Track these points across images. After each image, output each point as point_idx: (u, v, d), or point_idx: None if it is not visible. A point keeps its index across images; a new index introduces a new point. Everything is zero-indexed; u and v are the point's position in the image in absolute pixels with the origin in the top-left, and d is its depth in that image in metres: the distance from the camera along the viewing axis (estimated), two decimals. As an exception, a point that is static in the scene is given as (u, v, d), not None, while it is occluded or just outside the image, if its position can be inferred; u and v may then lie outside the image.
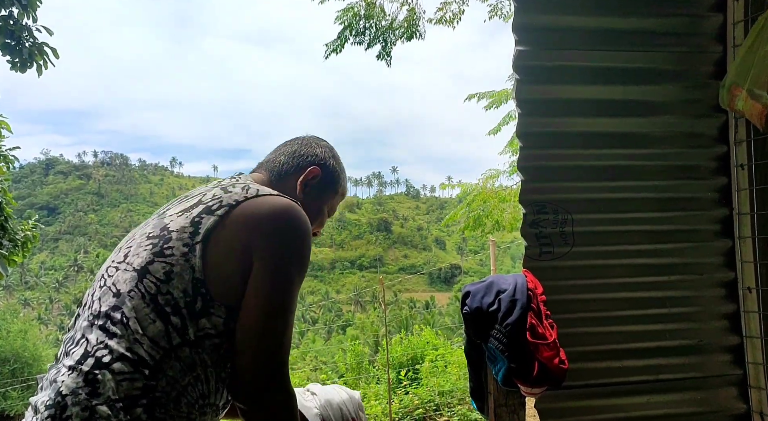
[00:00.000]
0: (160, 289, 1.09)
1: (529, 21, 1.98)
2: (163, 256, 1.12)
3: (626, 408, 2.06)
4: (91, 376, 1.04)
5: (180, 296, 1.09)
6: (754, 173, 2.02)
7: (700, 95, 2.07)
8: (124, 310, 1.09)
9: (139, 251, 1.15)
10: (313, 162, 1.44)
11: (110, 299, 1.12)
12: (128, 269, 1.14)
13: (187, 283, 1.09)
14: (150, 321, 1.07)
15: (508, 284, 1.82)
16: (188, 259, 1.11)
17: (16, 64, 5.97)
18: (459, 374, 6.59)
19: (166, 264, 1.11)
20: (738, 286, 2.08)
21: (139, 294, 1.09)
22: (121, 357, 1.05)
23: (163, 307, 1.08)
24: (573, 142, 2.04)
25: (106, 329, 1.08)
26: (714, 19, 2.05)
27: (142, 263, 1.12)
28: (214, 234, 1.13)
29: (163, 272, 1.10)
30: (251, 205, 1.17)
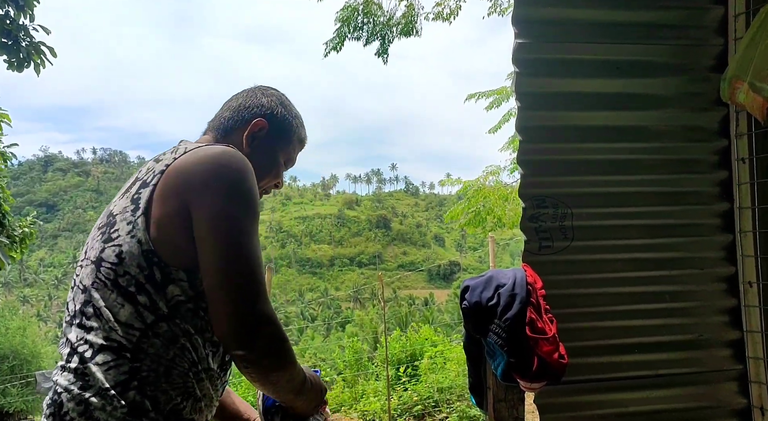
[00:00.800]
0: (117, 272, 1.09)
1: (529, 13, 1.96)
2: (111, 240, 1.12)
3: (626, 403, 2.05)
4: (80, 371, 1.07)
5: (137, 273, 1.08)
6: (755, 167, 2.00)
7: (700, 88, 2.06)
8: (93, 302, 1.10)
9: (93, 244, 1.17)
10: (258, 113, 1.38)
11: (80, 296, 1.14)
12: (87, 263, 1.15)
13: (138, 258, 1.08)
14: (119, 306, 1.08)
15: (508, 279, 1.81)
16: (133, 235, 1.10)
17: (13, 64, 5.96)
18: (458, 370, 6.59)
19: (115, 247, 1.11)
20: (739, 280, 2.07)
21: (101, 283, 1.10)
22: (101, 348, 1.07)
23: (126, 288, 1.08)
24: (573, 135, 2.03)
25: (83, 325, 1.11)
26: (715, 12, 2.04)
27: (96, 253, 1.14)
28: (151, 204, 1.12)
29: (115, 255, 1.10)
30: (179, 163, 1.14)
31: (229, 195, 1.10)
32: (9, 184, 7.85)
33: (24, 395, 18.74)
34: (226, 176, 1.11)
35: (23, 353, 21.55)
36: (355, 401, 6.82)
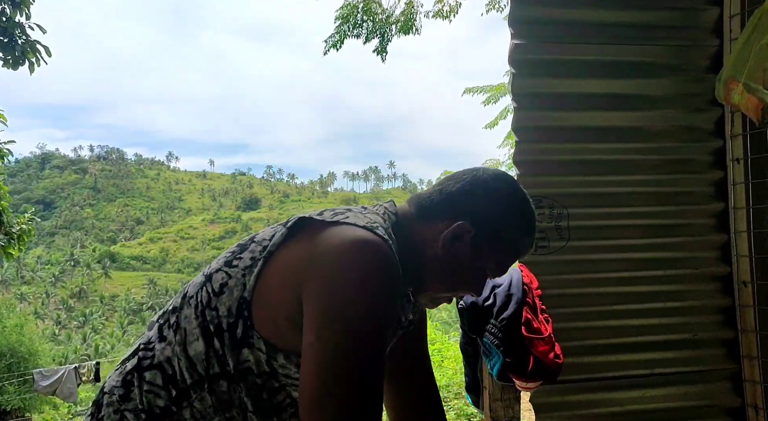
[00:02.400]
0: (210, 302, 0.95)
1: (525, 14, 1.97)
2: (229, 265, 0.98)
3: (622, 402, 2.07)
4: (128, 377, 0.99)
5: (224, 315, 0.94)
6: (749, 167, 2.01)
7: (696, 89, 2.07)
8: (181, 315, 0.99)
9: (221, 256, 1.03)
10: (467, 215, 1.02)
11: (179, 299, 1.02)
12: (205, 271, 1.02)
13: (233, 300, 0.94)
14: (194, 337, 0.95)
15: (504, 279, 1.82)
16: (245, 274, 0.95)
17: (9, 62, 5.97)
18: (455, 368, 6.59)
19: (225, 275, 0.97)
20: (733, 280, 2.08)
21: (195, 302, 0.98)
22: (159, 366, 0.96)
23: (208, 324, 0.95)
24: (569, 136, 2.04)
25: (161, 329, 1.01)
26: (710, 12, 2.05)
27: (213, 268, 1.01)
28: (278, 252, 0.96)
29: (219, 284, 0.96)
30: (323, 232, 0.93)
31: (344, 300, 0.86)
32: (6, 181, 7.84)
33: (21, 393, 18.74)
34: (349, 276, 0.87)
35: (20, 351, 21.55)
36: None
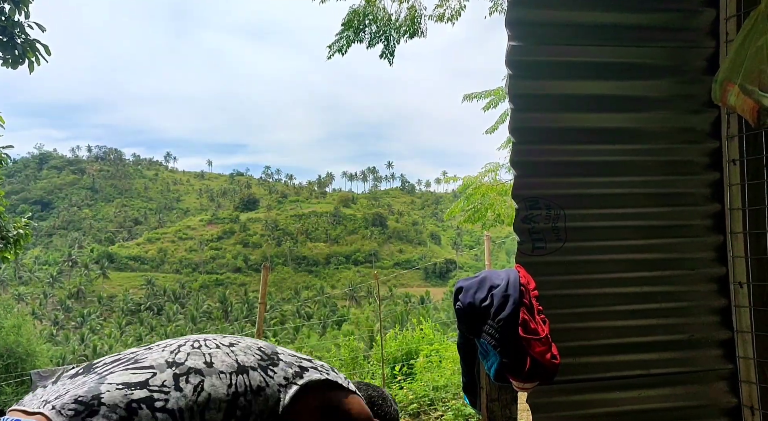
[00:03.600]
0: (246, 395, 1.14)
1: (522, 16, 1.98)
2: (265, 372, 1.20)
3: (618, 403, 2.07)
4: (134, 405, 1.04)
5: (255, 411, 1.14)
6: (745, 169, 2.02)
7: (692, 91, 2.07)
8: (206, 380, 1.13)
9: (247, 352, 1.24)
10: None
11: (199, 362, 1.17)
12: (231, 356, 1.21)
13: (267, 408, 1.15)
14: (216, 408, 1.11)
15: (501, 280, 1.82)
16: (280, 391, 1.18)
17: (8, 61, 5.95)
18: (453, 368, 6.60)
19: (263, 380, 1.18)
20: (729, 281, 2.09)
21: (228, 382, 1.14)
22: (171, 412, 1.06)
23: (235, 408, 1.12)
24: (566, 137, 2.04)
25: (179, 380, 1.12)
26: (707, 14, 2.05)
27: (247, 363, 1.20)
28: (313, 390, 1.23)
29: (257, 385, 1.17)
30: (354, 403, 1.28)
31: None
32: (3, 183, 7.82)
33: (19, 394, 18.68)
34: None
35: (18, 352, 21.48)
36: (351, 399, 6.83)
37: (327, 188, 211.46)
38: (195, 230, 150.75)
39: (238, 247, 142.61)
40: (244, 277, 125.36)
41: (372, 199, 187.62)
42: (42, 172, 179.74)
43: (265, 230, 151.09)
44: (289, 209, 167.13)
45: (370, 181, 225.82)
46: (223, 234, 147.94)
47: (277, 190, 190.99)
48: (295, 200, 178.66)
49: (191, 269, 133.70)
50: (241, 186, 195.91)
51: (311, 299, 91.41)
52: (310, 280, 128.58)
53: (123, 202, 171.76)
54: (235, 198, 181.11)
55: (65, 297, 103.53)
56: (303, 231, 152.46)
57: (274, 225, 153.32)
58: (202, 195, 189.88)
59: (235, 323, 68.62)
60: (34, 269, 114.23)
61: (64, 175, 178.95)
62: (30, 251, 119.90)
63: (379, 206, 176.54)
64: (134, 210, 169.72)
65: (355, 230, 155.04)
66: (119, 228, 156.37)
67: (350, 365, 8.15)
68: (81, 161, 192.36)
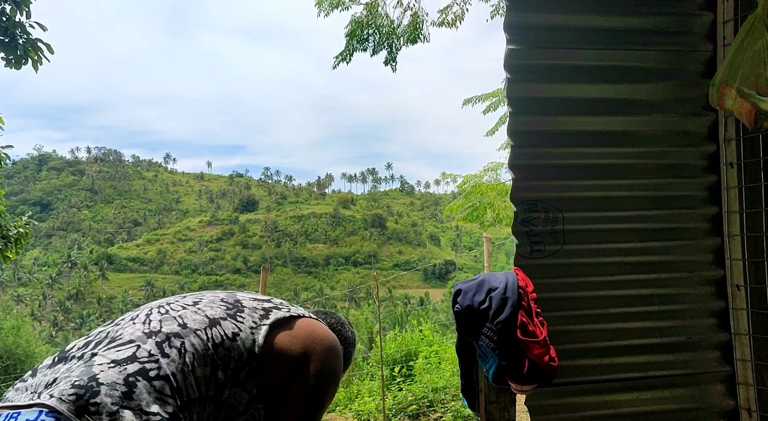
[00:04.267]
0: (224, 343, 1.24)
1: (521, 20, 1.98)
2: (235, 319, 1.31)
3: (616, 405, 2.08)
4: (132, 379, 1.10)
5: (235, 357, 1.24)
6: (743, 171, 2.03)
7: (690, 94, 2.08)
8: (186, 341, 1.21)
9: (212, 306, 1.33)
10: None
11: (174, 326, 1.24)
12: (199, 313, 1.30)
13: (245, 350, 1.26)
14: (203, 363, 1.20)
15: (499, 282, 1.83)
16: (253, 332, 1.30)
17: (11, 61, 5.94)
18: (452, 370, 6.60)
19: (235, 326, 1.29)
20: (727, 283, 2.10)
21: (206, 337, 1.23)
22: (166, 378, 1.13)
23: (218, 358, 1.22)
24: (564, 140, 2.05)
25: (162, 347, 1.18)
26: (704, 18, 2.06)
27: (216, 315, 1.30)
28: (281, 326, 1.36)
29: (232, 332, 1.27)
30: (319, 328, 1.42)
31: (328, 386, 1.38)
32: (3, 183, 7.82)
33: (18, 395, 18.60)
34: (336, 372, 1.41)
35: (17, 353, 21.45)
36: (350, 401, 6.83)
37: (326, 189, 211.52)
38: (194, 232, 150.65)
39: (238, 248, 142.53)
40: (244, 278, 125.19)
41: (371, 201, 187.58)
42: (41, 173, 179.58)
43: (264, 231, 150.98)
44: (288, 210, 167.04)
45: (369, 183, 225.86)
46: (223, 235, 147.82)
47: (277, 191, 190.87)
48: (295, 201, 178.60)
49: (190, 271, 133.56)
50: (240, 187, 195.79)
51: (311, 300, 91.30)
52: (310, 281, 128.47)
53: (122, 203, 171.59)
54: (235, 199, 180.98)
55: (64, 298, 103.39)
56: (302, 232, 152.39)
57: (274, 226, 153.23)
58: (201, 196, 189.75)
59: (235, 324, 68.04)
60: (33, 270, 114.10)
61: (64, 177, 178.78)
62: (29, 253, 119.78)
63: (379, 207, 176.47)
64: (133, 211, 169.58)
65: (354, 231, 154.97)
66: (118, 229, 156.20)
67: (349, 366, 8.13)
68: (80, 162, 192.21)
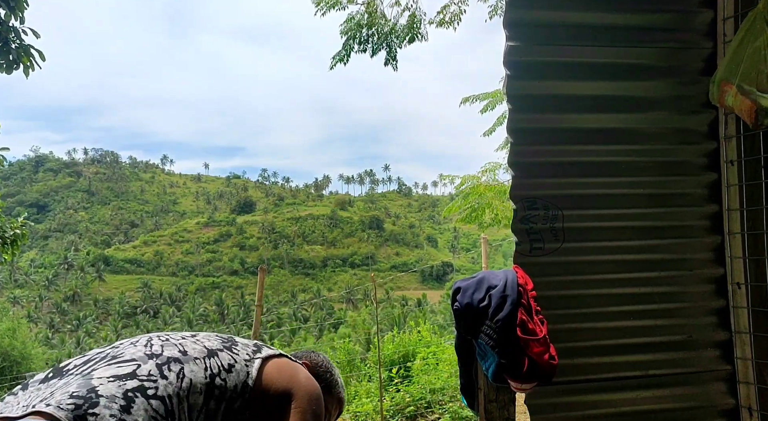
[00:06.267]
0: (221, 373, 1.29)
1: (520, 16, 1.97)
2: (231, 351, 1.37)
3: (616, 404, 2.07)
4: (130, 394, 1.13)
5: (231, 388, 1.29)
6: (743, 169, 2.02)
7: (690, 91, 2.07)
8: (185, 367, 1.24)
9: (209, 339, 1.39)
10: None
11: (174, 351, 1.28)
12: (198, 344, 1.35)
13: (240, 381, 1.31)
14: (197, 392, 1.23)
15: (499, 280, 1.82)
16: (247, 365, 1.35)
17: (2, 66, 5.94)
18: (450, 371, 6.59)
19: (231, 358, 1.34)
20: (727, 282, 2.09)
21: (204, 366, 1.28)
22: (162, 399, 1.16)
23: (213, 388, 1.26)
24: (564, 138, 2.04)
25: (162, 369, 1.21)
26: (704, 15, 2.06)
27: (213, 347, 1.35)
28: (270, 361, 1.41)
29: (228, 363, 1.32)
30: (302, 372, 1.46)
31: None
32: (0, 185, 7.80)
33: (14, 396, 18.54)
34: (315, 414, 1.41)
35: (13, 355, 21.39)
36: (348, 402, 6.82)
37: (324, 191, 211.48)
38: (191, 233, 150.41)
39: (235, 250, 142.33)
40: (241, 280, 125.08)
41: (369, 202, 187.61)
42: (38, 174, 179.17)
43: (261, 232, 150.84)
44: (285, 212, 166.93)
45: (366, 184, 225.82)
46: (220, 237, 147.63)
47: (274, 193, 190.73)
48: (292, 203, 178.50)
49: (187, 272, 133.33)
50: (237, 189, 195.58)
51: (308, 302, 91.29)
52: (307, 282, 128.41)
53: (119, 204, 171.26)
54: (232, 201, 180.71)
55: (61, 300, 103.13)
56: (300, 234, 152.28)
57: (271, 228, 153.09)
58: (198, 198, 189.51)
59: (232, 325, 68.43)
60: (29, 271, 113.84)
61: (60, 178, 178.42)
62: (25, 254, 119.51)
63: (376, 209, 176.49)
64: (130, 213, 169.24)
65: (351, 233, 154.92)
66: (115, 231, 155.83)
67: (347, 367, 8.13)
68: (77, 164, 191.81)
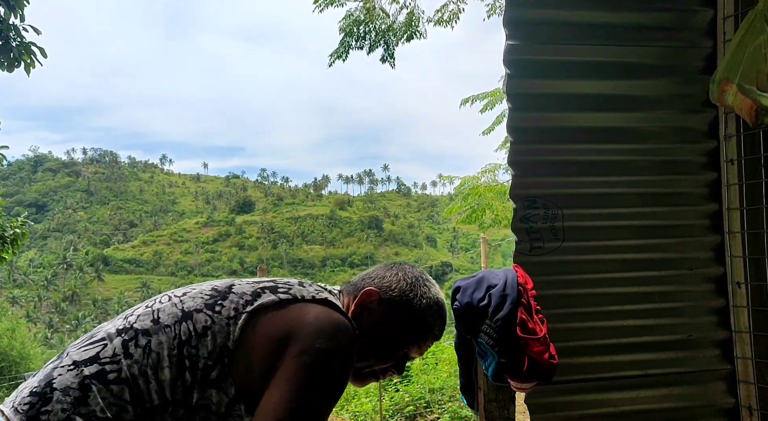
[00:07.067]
0: (191, 340, 1.08)
1: (520, 15, 1.97)
2: (211, 310, 1.11)
3: (616, 403, 2.06)
4: (87, 382, 1.02)
5: (204, 356, 1.07)
6: (743, 169, 2.02)
7: (690, 90, 2.07)
8: (153, 340, 1.07)
9: (196, 295, 1.16)
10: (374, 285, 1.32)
11: (147, 322, 1.11)
12: (178, 305, 1.14)
13: (216, 346, 1.07)
14: (167, 365, 1.05)
15: (499, 279, 1.81)
16: (229, 323, 1.09)
17: (3, 64, 5.93)
18: (450, 371, 6.59)
19: (207, 319, 1.10)
20: (727, 281, 2.08)
21: (173, 334, 1.08)
22: (126, 382, 1.03)
23: (184, 358, 1.06)
24: (564, 137, 2.04)
25: (128, 346, 1.07)
26: (704, 14, 2.05)
27: (191, 307, 1.12)
28: (265, 313, 1.11)
29: (202, 326, 1.09)
30: (309, 308, 1.14)
31: (320, 370, 1.06)
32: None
33: (13, 396, 18.53)
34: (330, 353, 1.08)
35: (12, 355, 21.39)
36: (347, 401, 6.82)
37: (323, 191, 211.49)
38: (190, 233, 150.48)
39: (234, 249, 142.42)
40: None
41: (368, 202, 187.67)
42: (37, 174, 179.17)
43: (260, 232, 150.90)
44: (285, 212, 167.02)
45: (366, 184, 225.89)
46: (219, 237, 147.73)
47: (273, 192, 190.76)
48: (291, 203, 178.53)
49: (187, 272, 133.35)
50: (237, 189, 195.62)
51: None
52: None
53: (118, 204, 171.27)
54: (231, 201, 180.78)
55: (60, 300, 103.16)
56: (299, 234, 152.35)
57: (270, 228, 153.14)
58: (197, 198, 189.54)
59: (231, 325, 68.15)
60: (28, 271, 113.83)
61: (60, 178, 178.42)
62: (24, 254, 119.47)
63: (375, 209, 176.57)
64: (129, 213, 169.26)
65: (351, 233, 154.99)
66: (114, 231, 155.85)
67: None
68: (76, 164, 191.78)
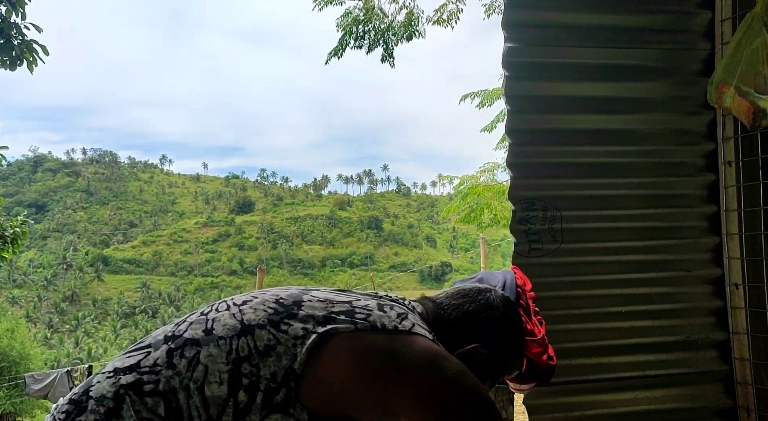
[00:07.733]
0: (250, 357, 0.98)
1: (519, 18, 1.98)
2: (276, 328, 1.01)
3: (614, 404, 2.07)
4: (122, 392, 0.96)
5: (266, 376, 0.96)
6: (741, 170, 2.03)
7: (688, 92, 2.08)
8: (202, 352, 0.98)
9: (259, 307, 1.05)
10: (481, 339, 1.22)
11: (198, 331, 1.02)
12: (237, 316, 1.04)
13: (281, 368, 0.97)
14: (217, 381, 0.96)
15: (497, 281, 1.82)
16: (296, 344, 0.99)
17: (6, 63, 5.93)
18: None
19: (272, 337, 1.00)
20: (725, 282, 2.09)
21: (228, 348, 0.99)
22: (163, 395, 0.95)
23: (240, 376, 0.96)
24: (562, 139, 2.05)
25: (173, 356, 0.99)
26: (702, 16, 2.06)
27: (252, 321, 1.02)
28: (339, 338, 1.00)
29: (265, 344, 0.99)
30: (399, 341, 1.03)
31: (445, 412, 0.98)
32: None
33: (12, 397, 18.58)
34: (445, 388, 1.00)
35: (11, 355, 21.40)
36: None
37: (323, 191, 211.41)
38: (190, 233, 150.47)
39: (234, 250, 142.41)
40: (240, 280, 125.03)
41: (367, 202, 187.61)
42: (36, 174, 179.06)
43: (260, 232, 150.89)
44: (284, 212, 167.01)
45: (365, 184, 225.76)
46: (219, 237, 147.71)
47: (273, 193, 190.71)
48: (291, 203, 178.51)
49: (186, 272, 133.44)
50: (236, 189, 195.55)
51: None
52: (306, 282, 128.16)
53: (118, 204, 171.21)
54: (231, 201, 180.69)
55: (60, 300, 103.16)
56: (298, 234, 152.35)
57: (270, 228, 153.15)
58: (197, 198, 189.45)
59: (231, 326, 68.18)
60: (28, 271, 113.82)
61: (59, 178, 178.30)
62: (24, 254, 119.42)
63: (375, 209, 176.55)
64: (129, 213, 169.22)
65: (350, 233, 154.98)
66: (114, 231, 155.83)
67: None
68: (76, 164, 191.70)
